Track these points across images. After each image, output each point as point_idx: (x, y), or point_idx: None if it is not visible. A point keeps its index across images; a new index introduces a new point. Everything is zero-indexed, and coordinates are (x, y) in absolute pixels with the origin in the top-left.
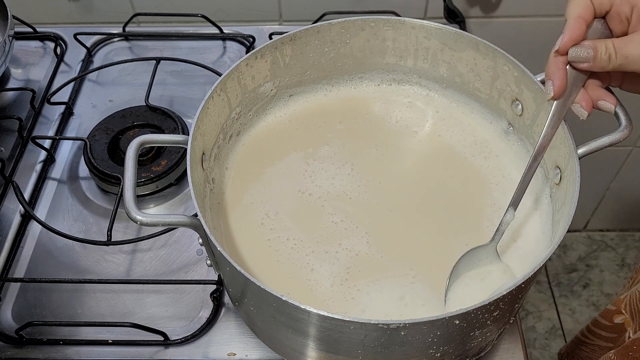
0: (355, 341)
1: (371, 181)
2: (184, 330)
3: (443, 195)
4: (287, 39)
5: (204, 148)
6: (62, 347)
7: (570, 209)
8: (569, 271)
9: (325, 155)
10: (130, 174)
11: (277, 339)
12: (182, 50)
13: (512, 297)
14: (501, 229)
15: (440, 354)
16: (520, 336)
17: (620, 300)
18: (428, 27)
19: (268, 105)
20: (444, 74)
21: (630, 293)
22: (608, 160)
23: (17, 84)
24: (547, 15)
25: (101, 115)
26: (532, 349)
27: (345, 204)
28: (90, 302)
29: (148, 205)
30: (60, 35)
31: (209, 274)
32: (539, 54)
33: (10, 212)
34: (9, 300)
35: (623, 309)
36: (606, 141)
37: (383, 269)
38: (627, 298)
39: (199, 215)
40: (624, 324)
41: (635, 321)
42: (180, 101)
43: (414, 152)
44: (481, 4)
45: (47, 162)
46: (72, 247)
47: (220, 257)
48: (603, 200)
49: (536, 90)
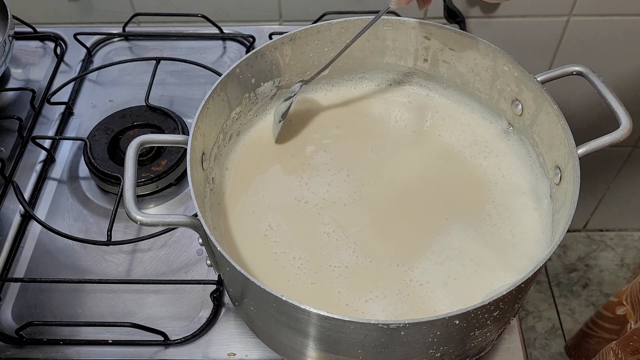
0: (355, 341)
1: (371, 182)
2: (184, 330)
3: (442, 195)
4: (287, 39)
5: (204, 148)
6: (62, 347)
7: (570, 209)
8: (568, 271)
9: (325, 155)
10: (130, 174)
11: (277, 339)
12: (182, 50)
13: (512, 297)
14: None
15: (440, 354)
16: (520, 336)
17: (621, 292)
18: (428, 27)
19: (268, 105)
20: (444, 74)
21: (632, 285)
22: (608, 160)
23: (17, 84)
24: (547, 15)
25: (101, 115)
26: (532, 349)
27: (342, 206)
28: (90, 302)
29: (148, 205)
30: (60, 35)
31: (209, 274)
32: (539, 54)
33: (10, 212)
34: (9, 300)
35: (624, 300)
36: (606, 141)
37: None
38: (628, 289)
39: (199, 215)
40: (625, 316)
41: (637, 312)
42: (180, 101)
43: (413, 152)
44: (481, 4)
45: (47, 162)
46: (72, 247)
47: (220, 257)
48: (603, 200)
49: (536, 90)
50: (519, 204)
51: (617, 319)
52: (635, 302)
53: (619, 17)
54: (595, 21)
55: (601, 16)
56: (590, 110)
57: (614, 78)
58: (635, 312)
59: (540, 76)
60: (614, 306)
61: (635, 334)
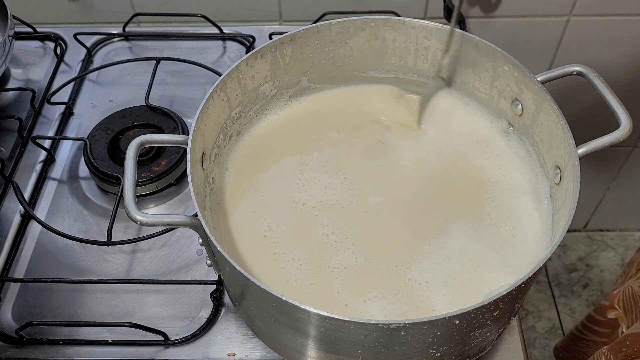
0: (355, 341)
1: (369, 183)
2: (184, 330)
3: (441, 195)
4: (287, 39)
5: (204, 148)
6: (62, 347)
7: (570, 209)
8: (569, 271)
9: (324, 156)
10: (130, 174)
11: (277, 339)
12: (182, 50)
13: (512, 297)
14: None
15: (440, 354)
16: (520, 336)
17: (613, 296)
18: (428, 27)
19: (268, 105)
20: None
21: (624, 288)
22: (608, 160)
23: (17, 84)
24: (547, 15)
25: (101, 115)
26: (532, 349)
27: (340, 208)
28: (90, 302)
29: (148, 205)
30: (60, 35)
31: (209, 274)
32: (539, 54)
33: (10, 212)
34: (9, 300)
35: (616, 304)
36: (606, 141)
37: (376, 279)
38: (620, 293)
39: (199, 215)
40: (617, 319)
41: (629, 316)
42: (180, 101)
43: (412, 152)
44: (481, 4)
45: (47, 162)
46: (72, 247)
47: (220, 257)
48: (603, 200)
49: (536, 90)
50: (519, 204)
51: (609, 322)
52: (627, 305)
53: (619, 17)
54: (595, 21)
55: (601, 16)
56: (590, 110)
57: (614, 78)
58: (627, 316)
59: (540, 76)
60: (605, 310)
61: (628, 339)
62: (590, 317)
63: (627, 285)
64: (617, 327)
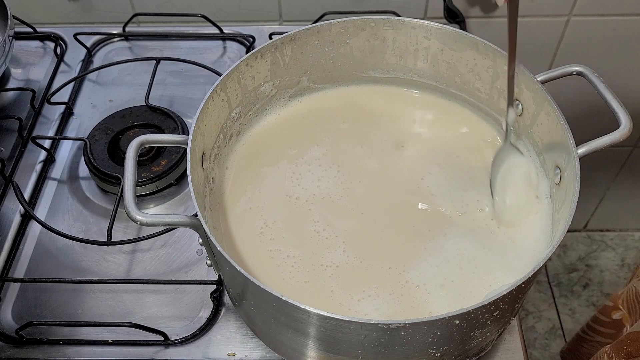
0: (355, 341)
1: (369, 182)
2: (184, 330)
3: (440, 195)
4: (287, 39)
5: (204, 148)
6: (62, 347)
7: (570, 209)
8: (569, 271)
9: (324, 156)
10: (130, 174)
11: (277, 339)
12: (182, 50)
13: (512, 297)
14: (510, 129)
15: (440, 354)
16: (520, 336)
17: (617, 297)
18: (428, 27)
19: (268, 105)
20: (444, 74)
21: (628, 289)
22: (608, 160)
23: (17, 84)
24: (547, 16)
25: (101, 115)
26: (532, 349)
27: (334, 205)
28: (90, 302)
29: (148, 205)
30: (60, 35)
31: (209, 274)
32: (539, 54)
33: (10, 212)
34: (9, 300)
35: (620, 304)
36: (606, 141)
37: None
38: (624, 294)
39: (199, 215)
40: (622, 320)
41: (633, 316)
42: (180, 101)
43: (411, 152)
44: (481, 4)
45: (47, 162)
46: (72, 247)
47: (220, 257)
48: (603, 200)
49: (536, 90)
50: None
51: (613, 323)
52: (631, 306)
53: (619, 17)
54: (595, 21)
55: (601, 16)
56: (590, 110)
57: (614, 78)
58: (632, 317)
59: (540, 76)
60: (610, 310)
61: (630, 337)
62: (595, 318)
63: (631, 285)
64: (621, 328)
